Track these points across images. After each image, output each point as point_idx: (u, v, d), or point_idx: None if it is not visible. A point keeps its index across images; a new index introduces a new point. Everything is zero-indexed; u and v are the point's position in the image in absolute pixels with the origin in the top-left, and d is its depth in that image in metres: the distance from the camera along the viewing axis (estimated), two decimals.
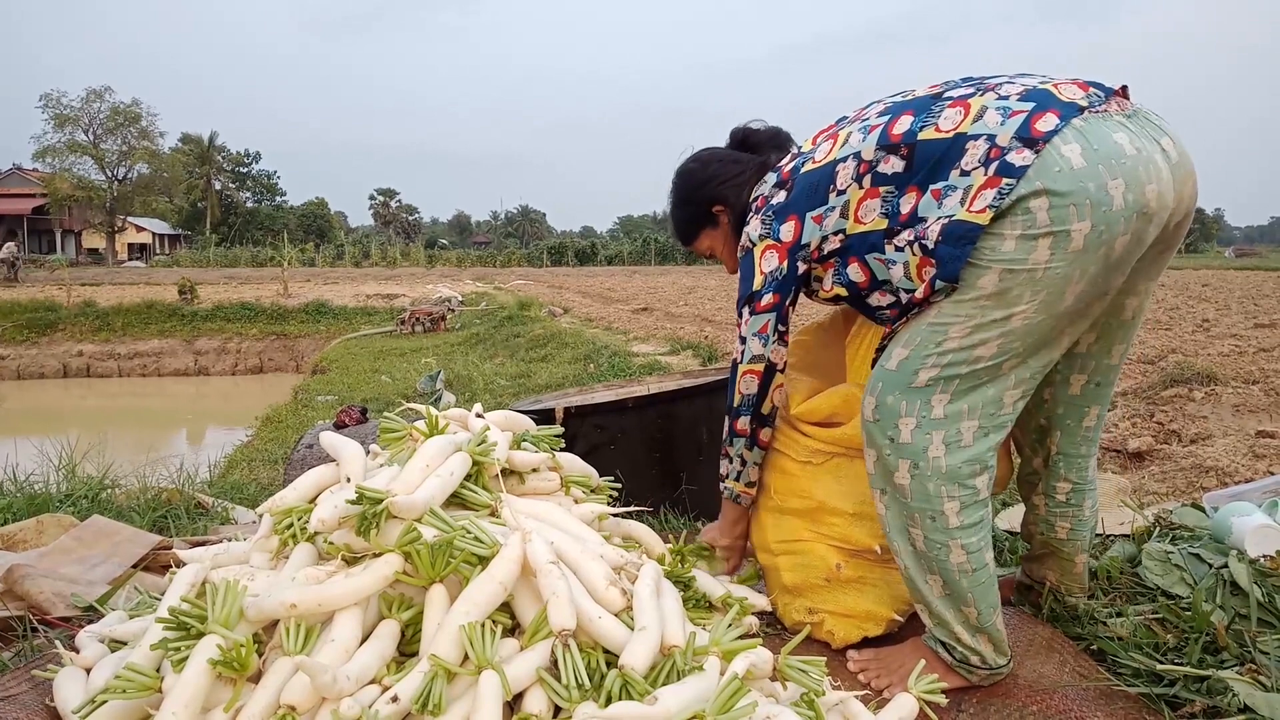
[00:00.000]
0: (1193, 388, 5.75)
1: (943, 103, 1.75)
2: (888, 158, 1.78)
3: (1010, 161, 1.59)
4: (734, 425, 2.12)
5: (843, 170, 1.86)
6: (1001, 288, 1.62)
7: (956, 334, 1.67)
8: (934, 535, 1.76)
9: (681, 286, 24.80)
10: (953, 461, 1.72)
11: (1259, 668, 1.74)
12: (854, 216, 1.85)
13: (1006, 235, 1.59)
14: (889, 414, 1.76)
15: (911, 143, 1.74)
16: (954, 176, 1.67)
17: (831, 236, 1.90)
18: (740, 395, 2.08)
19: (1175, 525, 2.60)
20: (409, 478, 1.78)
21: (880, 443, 1.78)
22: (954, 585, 1.78)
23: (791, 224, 1.95)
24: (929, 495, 1.74)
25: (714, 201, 2.21)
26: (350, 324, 19.73)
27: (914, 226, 1.73)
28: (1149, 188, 1.56)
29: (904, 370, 1.74)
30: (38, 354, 19.11)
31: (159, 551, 2.54)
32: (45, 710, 1.70)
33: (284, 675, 1.44)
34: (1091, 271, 1.60)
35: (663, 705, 1.37)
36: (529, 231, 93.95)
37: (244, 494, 3.97)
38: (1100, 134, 1.58)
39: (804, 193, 1.94)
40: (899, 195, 1.76)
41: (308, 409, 9.24)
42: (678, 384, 3.51)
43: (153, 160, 50.16)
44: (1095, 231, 1.55)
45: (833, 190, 1.88)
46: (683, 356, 9.81)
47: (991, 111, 1.67)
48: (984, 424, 1.72)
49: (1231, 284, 19.57)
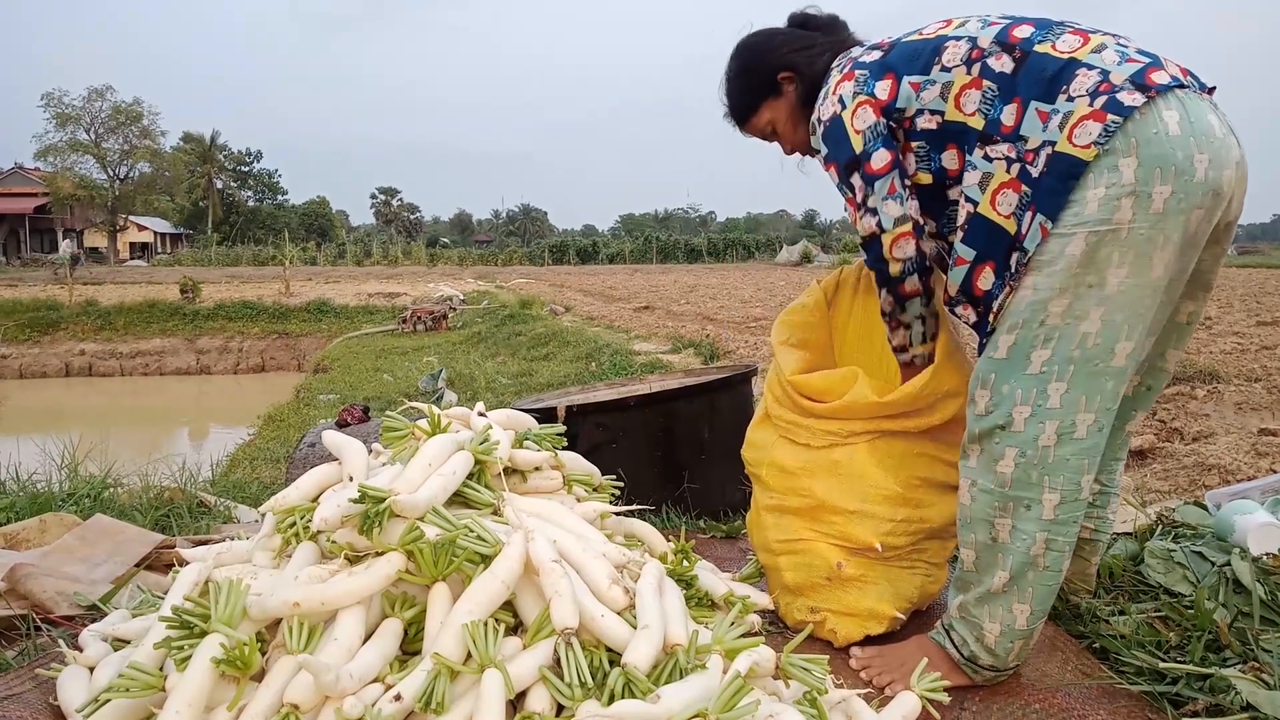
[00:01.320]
0: (1195, 385, 5.74)
1: (1064, 27, 1.74)
2: (1000, 55, 1.74)
3: (1120, 100, 1.58)
4: (902, 290, 1.94)
5: (953, 47, 1.80)
6: (1089, 250, 1.60)
7: (1056, 308, 1.64)
8: (1024, 525, 1.72)
9: (683, 285, 24.80)
10: (1062, 452, 1.68)
11: (1261, 666, 1.74)
12: (955, 101, 1.79)
13: (1089, 197, 1.58)
14: (1005, 402, 1.71)
15: (1028, 50, 1.72)
16: (1060, 100, 1.65)
17: (929, 114, 1.83)
18: (898, 262, 1.89)
19: (1178, 523, 2.60)
20: (411, 476, 1.78)
21: (991, 433, 1.73)
22: (1019, 579, 1.74)
23: (887, 82, 1.86)
24: (1030, 484, 1.70)
25: (783, 68, 2.09)
26: (352, 323, 19.74)
27: (1014, 142, 1.70)
28: (1226, 171, 1.59)
29: (1016, 356, 1.70)
30: (40, 353, 19.14)
31: (161, 550, 2.54)
32: (49, 709, 1.70)
33: (287, 674, 1.44)
34: (1174, 239, 1.59)
35: (665, 704, 1.37)
36: (530, 230, 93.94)
37: (246, 493, 3.97)
38: (1197, 110, 1.59)
39: (905, 55, 1.87)
40: (1002, 101, 1.72)
41: (310, 408, 9.25)
42: (680, 382, 3.51)
43: (154, 159, 50.18)
44: (1175, 198, 1.56)
45: (938, 64, 1.81)
46: (685, 355, 9.80)
47: (1110, 50, 1.67)
48: (1100, 418, 1.68)
49: (1234, 281, 19.53)
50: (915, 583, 2.10)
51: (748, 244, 60.48)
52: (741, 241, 61.23)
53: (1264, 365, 6.58)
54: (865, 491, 2.07)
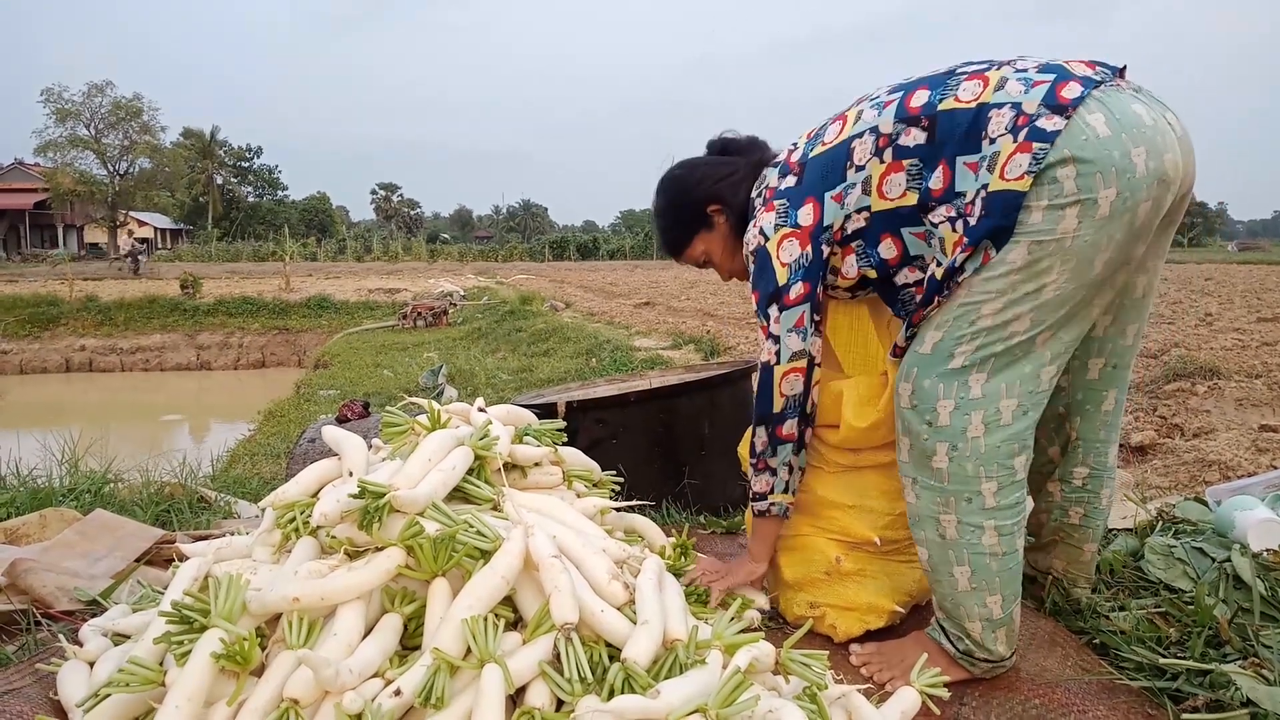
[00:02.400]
0: (1195, 382, 5.74)
1: (958, 76, 1.74)
2: (908, 130, 1.75)
3: (1041, 127, 1.58)
4: (777, 432, 1.97)
5: (859, 146, 1.82)
6: (1031, 260, 1.61)
7: (989, 310, 1.66)
8: (969, 518, 1.74)
9: (683, 281, 24.78)
10: (992, 441, 1.70)
11: (1262, 661, 1.74)
12: (878, 191, 1.81)
13: (1033, 207, 1.59)
14: (927, 398, 1.73)
15: (932, 114, 1.72)
16: (984, 146, 1.65)
17: (855, 215, 1.85)
18: (783, 398, 1.94)
19: (1178, 519, 2.60)
20: (411, 472, 1.78)
21: (917, 429, 1.76)
22: (983, 571, 1.76)
23: (810, 207, 1.89)
24: (967, 476, 1.72)
25: (709, 201, 2.11)
26: (352, 319, 19.75)
27: (951, 202, 1.70)
28: (1167, 156, 1.59)
29: (939, 352, 1.72)
30: (40, 348, 19.15)
31: (162, 545, 2.54)
32: (49, 704, 1.71)
33: (287, 669, 1.45)
34: (1118, 239, 1.60)
35: (665, 699, 1.37)
36: (531, 226, 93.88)
37: (246, 488, 3.98)
38: (1120, 104, 1.59)
39: (819, 174, 1.89)
40: (928, 170, 1.73)
41: (310, 403, 9.26)
42: (680, 378, 3.51)
43: (154, 155, 50.05)
44: (1121, 198, 1.56)
45: (850, 167, 1.84)
46: (685, 351, 9.81)
47: (1013, 81, 1.67)
48: (1023, 402, 1.70)
49: (1234, 278, 19.54)
50: (914, 576, 2.10)
51: None
52: None
53: (1264, 361, 6.58)
54: (863, 487, 2.07)
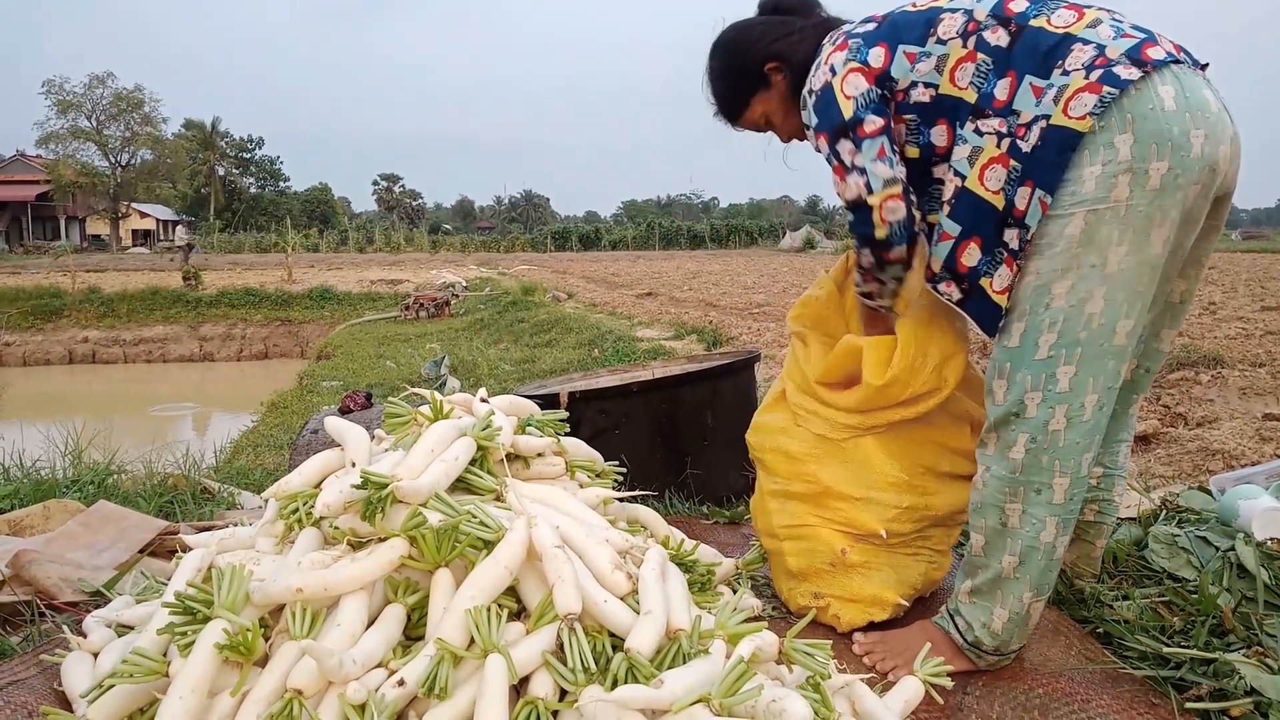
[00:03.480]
0: (1199, 370, 5.73)
1: (1059, 2, 1.73)
2: (996, 28, 1.72)
3: (1116, 73, 1.57)
4: (884, 256, 1.86)
5: (948, 19, 1.78)
6: (1089, 229, 1.59)
7: (1060, 290, 1.64)
8: (1034, 509, 1.72)
9: (686, 271, 24.76)
10: (1071, 436, 1.69)
11: (1265, 650, 1.74)
12: (949, 75, 1.77)
13: (1086, 175, 1.58)
14: (1018, 389, 1.71)
15: (1023, 24, 1.70)
16: (1055, 75, 1.63)
17: (922, 87, 1.80)
18: (887, 225, 1.81)
19: (1182, 508, 2.60)
20: (414, 462, 1.78)
21: (1007, 420, 1.74)
22: (1031, 564, 1.75)
23: (881, 50, 1.82)
24: (1041, 468, 1.71)
25: (768, 59, 2.02)
26: (355, 310, 19.73)
27: (1005, 117, 1.68)
28: (1222, 147, 1.59)
29: (1027, 343, 1.70)
30: (43, 340, 19.15)
31: (165, 536, 2.54)
32: (53, 694, 1.71)
33: (290, 659, 1.45)
34: (1172, 216, 1.58)
35: (669, 688, 1.36)
36: (533, 216, 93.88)
37: (250, 479, 3.98)
38: (1193, 85, 1.59)
39: (900, 26, 1.83)
40: (996, 75, 1.71)
41: (313, 394, 9.26)
42: (682, 368, 3.51)
43: (156, 146, 50.11)
44: (1172, 174, 1.55)
45: (933, 36, 1.78)
46: (687, 341, 9.80)
47: (1106, 25, 1.66)
48: (1103, 398, 1.69)
49: (1238, 266, 19.48)
50: (919, 569, 2.10)
51: (750, 230, 60.38)
52: (744, 227, 61.13)
53: (1268, 350, 6.57)
54: (871, 478, 2.06)
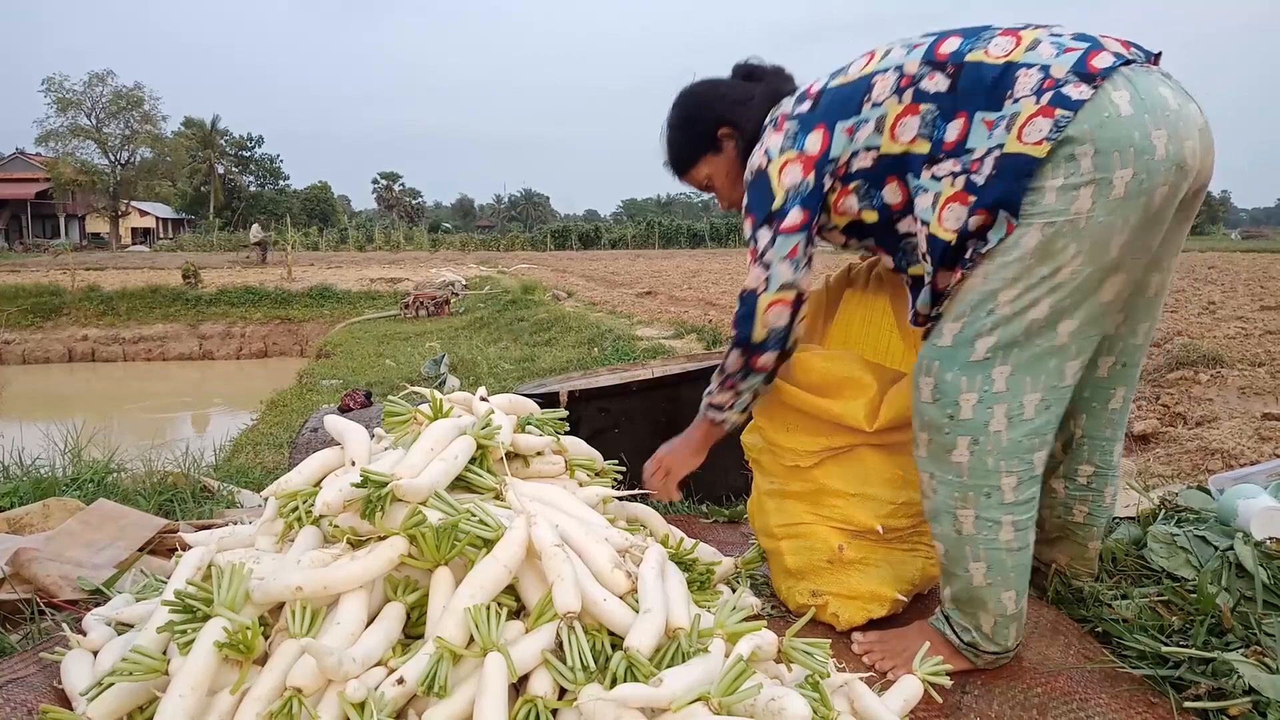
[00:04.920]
0: (1199, 370, 5.74)
1: (993, 31, 1.72)
2: (932, 74, 1.71)
3: (1066, 94, 1.56)
4: (752, 362, 1.94)
5: (881, 81, 1.78)
6: (1044, 242, 1.58)
7: (1006, 298, 1.63)
8: (987, 513, 1.72)
9: (685, 270, 24.76)
10: (1014, 435, 1.68)
11: (1264, 650, 1.74)
12: (890, 133, 1.76)
13: (1047, 188, 1.57)
14: (949, 391, 1.70)
15: (959, 63, 1.69)
16: (1006, 105, 1.62)
17: (863, 153, 1.80)
18: (765, 329, 1.88)
19: (1181, 508, 2.60)
20: (413, 461, 1.78)
21: (938, 422, 1.73)
22: (999, 567, 1.74)
23: (819, 134, 1.83)
24: (987, 471, 1.70)
25: (722, 123, 2.05)
26: (354, 308, 19.74)
27: (959, 156, 1.67)
28: (1188, 143, 1.56)
29: (959, 344, 1.69)
30: (43, 338, 19.15)
31: (165, 535, 2.54)
32: (53, 692, 1.71)
33: (290, 658, 1.45)
34: (1133, 222, 1.57)
35: (668, 687, 1.37)
36: (532, 215, 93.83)
37: (249, 478, 3.98)
38: (1147, 85, 1.57)
39: (834, 103, 1.83)
40: (944, 120, 1.70)
41: (312, 393, 9.26)
42: (682, 367, 3.51)
43: (155, 144, 50.07)
44: (1137, 180, 1.54)
45: (868, 102, 1.79)
46: (687, 340, 9.80)
47: (1046, 44, 1.64)
48: (1046, 397, 1.68)
49: (1238, 266, 19.49)
50: (916, 565, 2.10)
51: None
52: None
53: (1268, 350, 6.57)
54: (866, 475, 2.07)
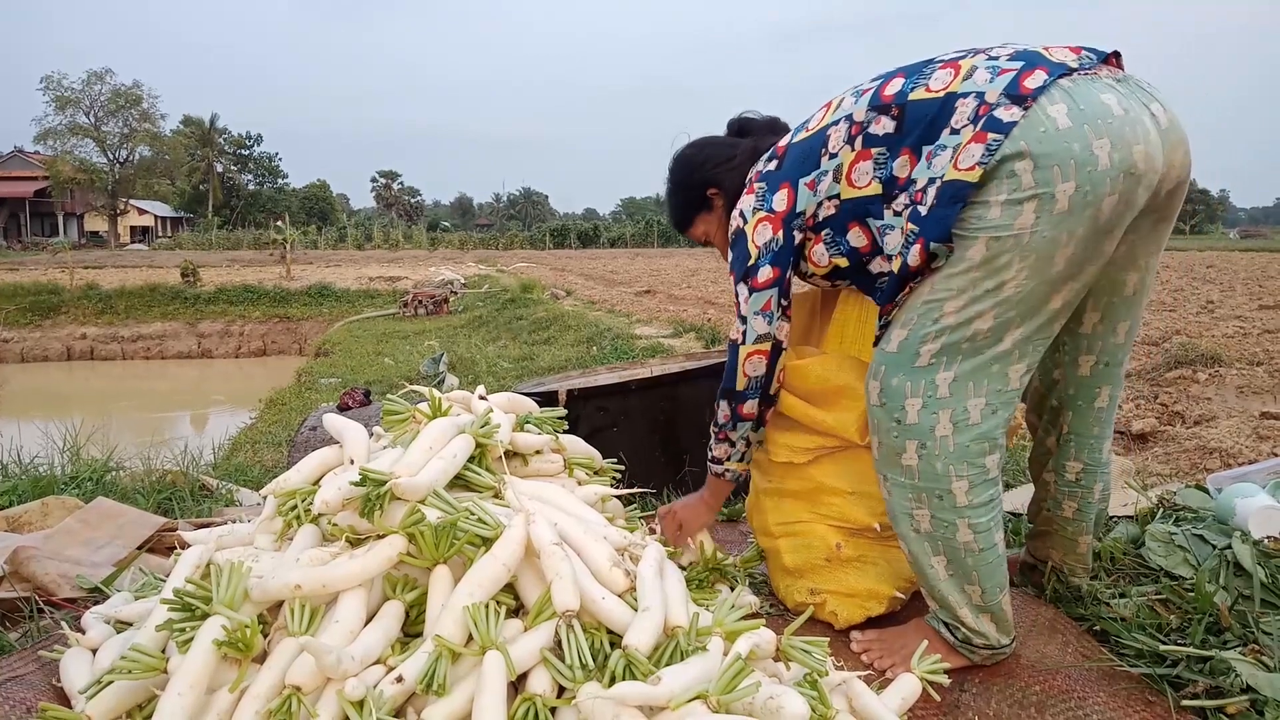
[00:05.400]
0: (1197, 369, 5.74)
1: (934, 65, 1.76)
2: (879, 118, 1.77)
3: (998, 117, 1.58)
4: (738, 410, 2.06)
5: (834, 133, 1.85)
6: (989, 256, 1.60)
7: (951, 308, 1.66)
8: (941, 515, 1.75)
9: (684, 269, 24.76)
10: (961, 440, 1.71)
11: (1262, 648, 1.74)
12: (847, 179, 1.83)
13: (991, 202, 1.58)
14: (895, 395, 1.74)
15: (903, 103, 1.74)
16: (945, 136, 1.66)
17: (826, 202, 1.87)
18: (746, 378, 2.01)
19: (1179, 506, 2.60)
20: (412, 459, 1.78)
21: (886, 425, 1.77)
22: (960, 564, 1.77)
23: (784, 192, 1.92)
24: (937, 474, 1.73)
25: (708, 185, 2.17)
26: (353, 307, 19.73)
27: (907, 190, 1.72)
28: (1136, 148, 1.55)
29: (905, 350, 1.73)
30: (41, 337, 19.14)
31: (163, 533, 2.54)
32: (52, 690, 1.71)
33: (289, 656, 1.45)
34: (1080, 234, 1.58)
35: (666, 685, 1.37)
36: (531, 213, 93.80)
37: (248, 476, 3.99)
38: (1087, 94, 1.57)
39: (796, 160, 1.92)
40: (892, 158, 1.75)
41: (311, 391, 9.25)
42: (681, 366, 3.51)
43: (154, 143, 50.08)
44: (1080, 192, 1.54)
45: (825, 154, 1.86)
46: (686, 339, 9.79)
47: (981, 70, 1.67)
48: (991, 401, 1.70)
49: (1236, 265, 19.50)
50: None
51: None
52: None
53: (1266, 349, 6.58)
54: (862, 472, 2.07)
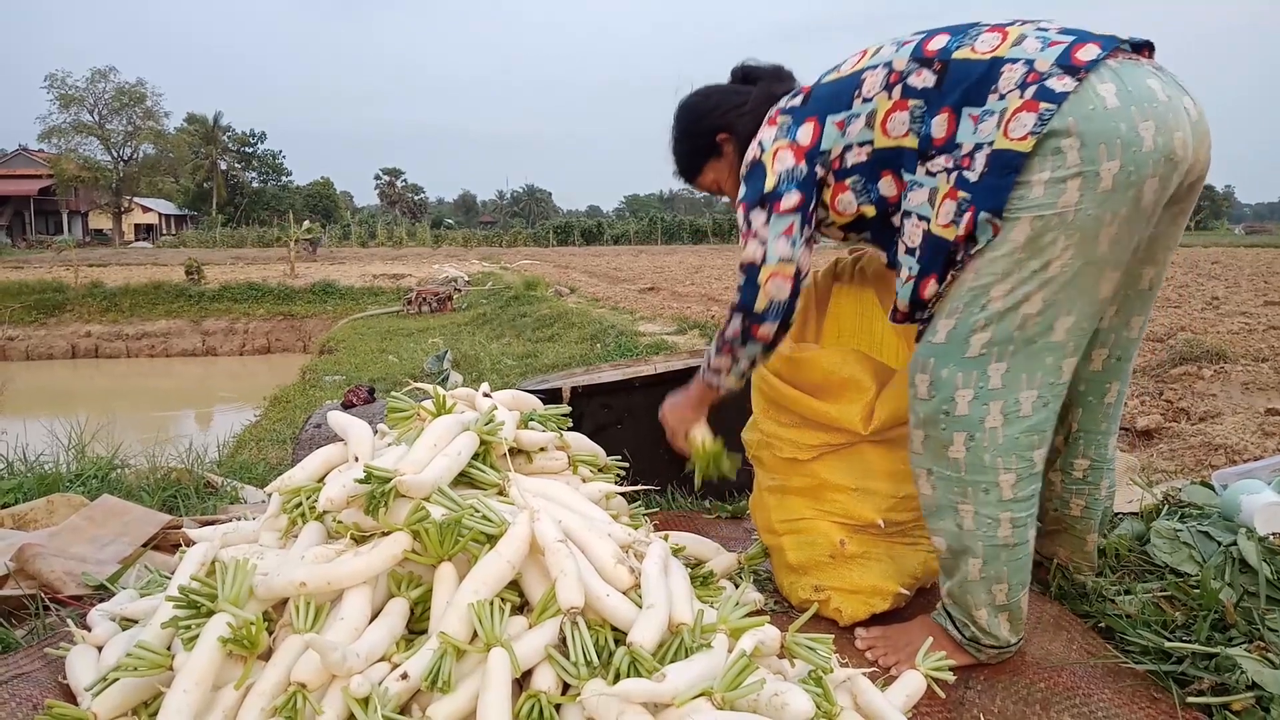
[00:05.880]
0: (1202, 365, 5.73)
1: (980, 28, 1.73)
2: (920, 70, 1.73)
3: (1050, 87, 1.56)
4: (752, 330, 1.90)
5: (870, 77, 1.80)
6: (1034, 235, 1.59)
7: (999, 292, 1.64)
8: (985, 509, 1.73)
9: (688, 265, 24.74)
10: (1011, 432, 1.68)
11: (1267, 645, 1.74)
12: (881, 127, 1.78)
13: (1034, 181, 1.57)
14: (945, 387, 1.71)
15: (946, 60, 1.70)
16: (992, 101, 1.63)
17: (857, 148, 1.82)
18: (768, 300, 1.85)
19: (1184, 503, 2.60)
20: (417, 457, 1.78)
21: (935, 418, 1.73)
22: (994, 562, 1.75)
23: (810, 126, 1.86)
24: (984, 467, 1.70)
25: (718, 130, 2.10)
26: (357, 304, 19.73)
27: (950, 153, 1.68)
28: (1177, 135, 1.56)
29: (954, 340, 1.69)
30: (46, 335, 19.17)
31: (169, 530, 2.55)
32: (58, 687, 1.72)
33: (294, 653, 1.45)
34: (1123, 214, 1.57)
35: (671, 682, 1.37)
36: (535, 211, 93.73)
37: (253, 473, 3.99)
38: (1134, 76, 1.57)
39: (825, 98, 1.86)
40: (930, 114, 1.71)
41: (315, 389, 9.27)
42: (684, 363, 3.50)
43: (158, 141, 50.18)
44: (1124, 172, 1.54)
45: (858, 96, 1.81)
46: (689, 336, 9.79)
47: (1031, 39, 1.65)
48: (1043, 394, 1.68)
49: (1242, 261, 19.45)
50: (918, 559, 2.10)
51: None
52: None
53: (1271, 345, 6.56)
54: (866, 469, 2.07)
